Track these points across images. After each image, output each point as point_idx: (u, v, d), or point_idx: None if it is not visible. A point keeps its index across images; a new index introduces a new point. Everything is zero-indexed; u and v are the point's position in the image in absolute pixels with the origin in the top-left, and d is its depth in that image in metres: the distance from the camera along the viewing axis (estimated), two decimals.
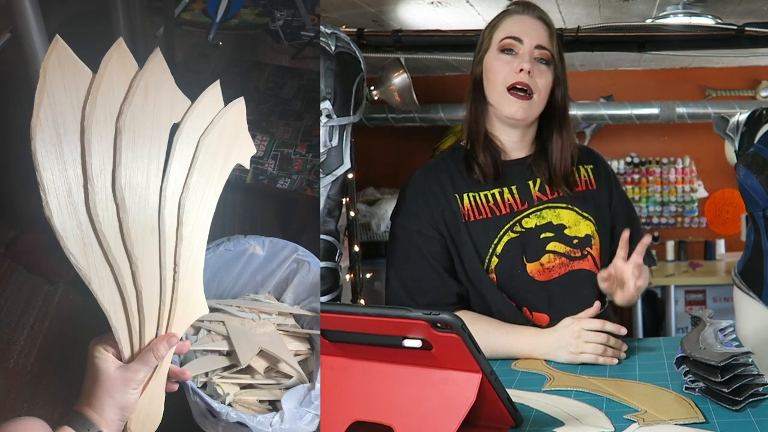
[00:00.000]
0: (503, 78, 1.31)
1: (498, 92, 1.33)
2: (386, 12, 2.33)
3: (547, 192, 1.37)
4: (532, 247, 1.33)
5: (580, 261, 1.34)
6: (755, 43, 2.14)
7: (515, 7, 1.36)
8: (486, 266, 1.32)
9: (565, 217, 1.36)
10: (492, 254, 1.32)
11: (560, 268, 1.33)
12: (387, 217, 3.22)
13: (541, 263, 1.33)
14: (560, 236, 1.34)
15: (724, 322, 1.11)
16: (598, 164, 1.45)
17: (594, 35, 2.22)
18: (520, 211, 1.35)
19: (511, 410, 0.88)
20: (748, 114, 1.56)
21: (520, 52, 1.31)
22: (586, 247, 1.35)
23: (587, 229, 1.36)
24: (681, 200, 3.79)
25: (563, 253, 1.34)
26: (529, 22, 1.33)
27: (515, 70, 1.30)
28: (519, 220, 1.34)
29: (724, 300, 3.39)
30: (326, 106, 1.51)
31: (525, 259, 1.32)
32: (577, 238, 1.35)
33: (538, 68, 1.31)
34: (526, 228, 1.34)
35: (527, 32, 1.32)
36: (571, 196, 1.37)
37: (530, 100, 1.31)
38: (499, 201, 1.35)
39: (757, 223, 1.51)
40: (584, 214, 1.37)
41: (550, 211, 1.35)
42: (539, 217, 1.35)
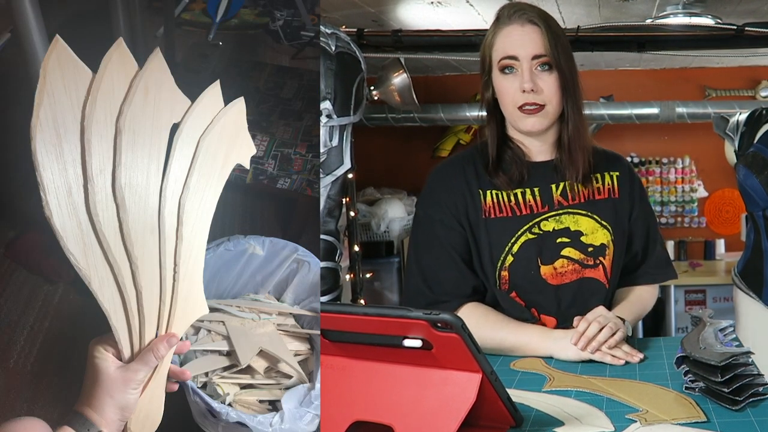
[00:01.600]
0: (512, 99, 1.31)
1: (510, 112, 1.34)
2: (386, 12, 2.33)
3: (568, 197, 1.37)
4: (547, 250, 1.34)
5: (592, 269, 1.35)
6: (755, 43, 2.13)
7: (503, 17, 1.33)
8: (500, 264, 1.33)
9: (584, 224, 1.36)
10: (508, 253, 1.33)
11: (572, 274, 1.34)
12: (387, 217, 3.22)
13: (554, 267, 1.33)
14: (576, 242, 1.35)
15: (724, 322, 1.11)
16: (625, 173, 1.43)
17: (594, 35, 2.22)
18: (539, 213, 1.35)
19: (511, 410, 0.88)
20: (748, 114, 1.55)
21: (519, 69, 1.30)
22: (600, 256, 1.35)
23: (604, 238, 1.36)
24: (681, 200, 3.79)
25: (577, 260, 1.34)
26: (519, 33, 1.30)
27: (519, 89, 1.30)
28: (538, 222, 1.35)
29: (724, 300, 3.39)
30: (326, 106, 1.52)
31: (540, 261, 1.33)
32: (592, 246, 1.35)
33: (540, 78, 1.29)
34: (543, 231, 1.34)
35: (521, 45, 1.29)
36: (592, 202, 1.37)
37: (543, 111, 1.31)
38: (520, 201, 1.36)
39: (757, 223, 1.51)
40: (603, 223, 1.37)
41: (569, 216, 1.36)
42: (558, 222, 1.35)
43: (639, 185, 1.46)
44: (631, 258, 1.44)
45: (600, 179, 1.40)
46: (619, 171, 1.42)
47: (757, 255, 1.52)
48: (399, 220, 3.21)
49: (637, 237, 1.43)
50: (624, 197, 1.41)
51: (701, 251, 3.77)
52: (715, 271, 3.56)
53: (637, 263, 1.45)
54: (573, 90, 1.33)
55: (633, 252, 1.44)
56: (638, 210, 1.43)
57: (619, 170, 1.43)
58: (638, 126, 3.40)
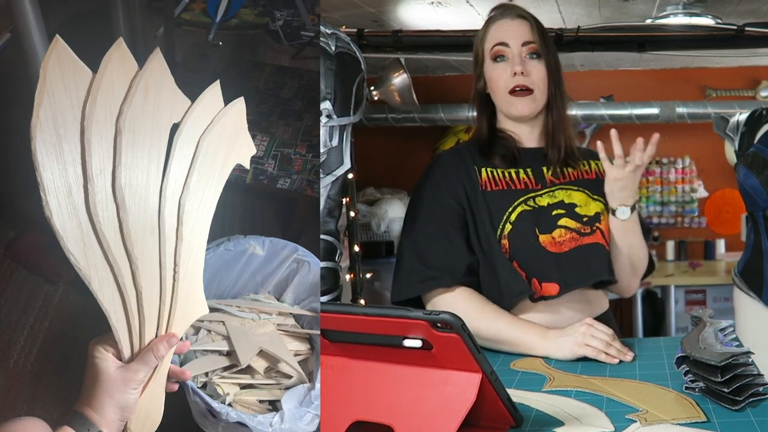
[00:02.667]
0: (503, 84, 1.41)
1: (501, 98, 1.43)
2: (386, 12, 2.33)
3: (559, 177, 1.44)
4: (544, 221, 1.39)
5: (590, 236, 1.40)
6: (755, 43, 2.13)
7: (495, 13, 1.45)
8: (499, 233, 1.37)
9: (576, 197, 1.42)
10: (506, 221, 1.37)
11: (570, 242, 1.38)
12: (387, 217, 3.22)
13: (552, 236, 1.38)
14: (571, 213, 1.40)
15: (724, 322, 1.11)
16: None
17: (594, 35, 2.22)
18: (534, 190, 1.42)
19: (511, 410, 0.88)
20: (748, 114, 1.55)
21: (510, 56, 1.40)
22: (596, 223, 1.41)
23: (597, 208, 1.42)
24: (681, 200, 3.79)
25: (574, 229, 1.39)
26: (510, 24, 1.42)
27: (511, 74, 1.39)
28: (533, 197, 1.41)
29: (724, 300, 3.39)
30: (326, 106, 1.51)
31: (537, 230, 1.38)
32: (587, 216, 1.41)
33: (530, 64, 1.40)
34: (539, 205, 1.40)
35: (511, 34, 1.41)
36: (582, 180, 1.45)
37: (532, 95, 1.40)
38: (515, 178, 1.43)
39: (757, 223, 1.51)
40: (594, 197, 1.43)
41: (562, 191, 1.42)
42: (551, 197, 1.41)
43: None
44: None
45: (587, 164, 1.49)
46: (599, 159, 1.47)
47: (757, 255, 1.52)
48: (399, 220, 3.21)
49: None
50: None
51: (701, 251, 3.77)
52: (715, 271, 3.56)
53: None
54: (558, 82, 1.44)
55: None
56: None
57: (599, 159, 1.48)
58: (638, 126, 3.40)
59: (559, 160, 1.44)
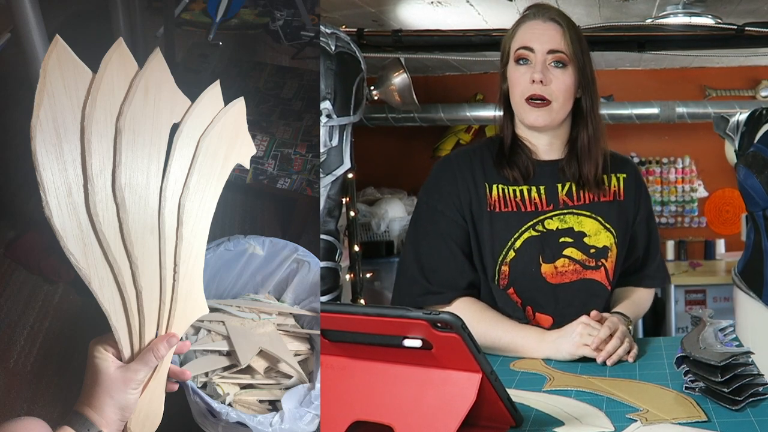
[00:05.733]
0: (521, 90, 1.32)
1: (517, 103, 1.34)
2: (386, 12, 2.33)
3: (573, 197, 1.37)
4: (549, 248, 1.34)
5: (593, 271, 1.35)
6: (755, 43, 2.13)
7: (529, 12, 1.35)
8: (501, 258, 1.33)
9: (587, 225, 1.36)
10: (510, 248, 1.33)
11: (573, 274, 1.34)
12: (387, 217, 3.22)
13: (555, 266, 1.33)
14: (579, 243, 1.35)
15: (724, 322, 1.11)
16: (631, 176, 1.43)
17: (594, 35, 2.21)
18: (544, 212, 1.35)
19: (511, 410, 0.88)
20: (748, 114, 1.55)
21: (533, 61, 1.31)
22: (602, 258, 1.36)
23: (607, 240, 1.36)
24: (681, 200, 3.79)
25: (578, 260, 1.35)
26: (541, 27, 1.32)
27: (530, 80, 1.30)
28: (542, 220, 1.35)
29: (724, 300, 3.39)
30: (326, 106, 1.51)
31: (541, 258, 1.33)
32: (594, 248, 1.35)
33: (553, 73, 1.30)
34: (547, 229, 1.34)
35: (538, 39, 1.31)
36: (596, 204, 1.37)
37: (548, 107, 1.31)
38: (525, 198, 1.36)
39: (757, 223, 1.51)
40: (606, 225, 1.37)
41: (573, 217, 1.36)
42: (561, 221, 1.35)
43: (645, 189, 1.47)
44: (633, 261, 1.44)
45: (606, 180, 1.40)
46: (626, 173, 1.43)
47: (757, 255, 1.52)
48: (399, 220, 3.21)
49: (639, 240, 1.43)
50: (629, 200, 1.42)
51: (701, 251, 3.77)
52: (715, 271, 3.56)
53: (638, 266, 1.46)
54: (592, 91, 1.35)
55: (635, 255, 1.44)
56: (642, 213, 1.44)
57: (627, 172, 1.43)
58: (638, 126, 3.40)
59: (588, 181, 1.35)
